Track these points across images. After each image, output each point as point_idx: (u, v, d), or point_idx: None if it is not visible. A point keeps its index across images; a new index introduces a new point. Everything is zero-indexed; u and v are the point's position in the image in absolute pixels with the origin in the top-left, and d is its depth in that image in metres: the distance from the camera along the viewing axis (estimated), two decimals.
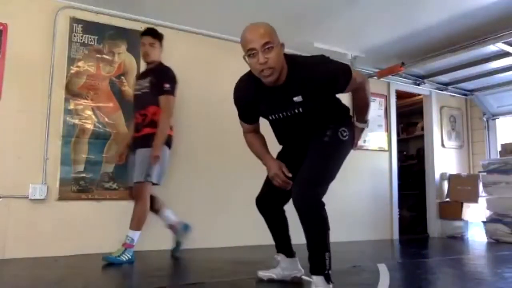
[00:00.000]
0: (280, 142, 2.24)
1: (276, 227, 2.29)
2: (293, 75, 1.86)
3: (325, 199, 1.89)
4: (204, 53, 4.06)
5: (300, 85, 1.85)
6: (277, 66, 1.80)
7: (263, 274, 2.34)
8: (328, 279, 1.82)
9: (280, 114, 1.99)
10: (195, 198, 3.84)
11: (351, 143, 2.09)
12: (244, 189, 4.01)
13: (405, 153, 6.56)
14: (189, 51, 3.99)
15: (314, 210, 1.83)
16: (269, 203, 2.23)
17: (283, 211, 2.26)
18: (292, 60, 1.89)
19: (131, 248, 2.90)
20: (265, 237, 4.11)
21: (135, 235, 2.92)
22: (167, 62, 3.87)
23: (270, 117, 2.06)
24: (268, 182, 2.18)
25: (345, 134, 2.00)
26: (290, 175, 1.99)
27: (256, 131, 2.21)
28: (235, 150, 3.91)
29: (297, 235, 2.08)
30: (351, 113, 2.20)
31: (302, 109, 1.92)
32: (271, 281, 2.30)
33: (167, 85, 3.00)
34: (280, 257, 2.31)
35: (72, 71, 3.43)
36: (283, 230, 2.29)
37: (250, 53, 1.79)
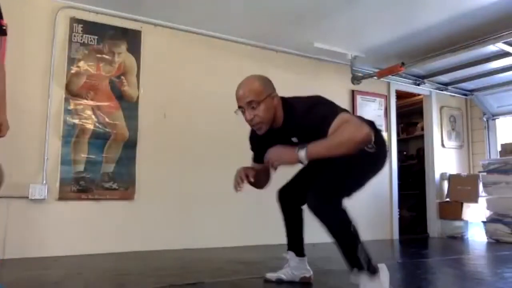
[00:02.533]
0: None
1: (292, 223, 2.30)
2: (288, 120, 1.96)
3: None
4: (204, 53, 4.05)
5: (294, 129, 1.93)
6: (266, 119, 1.93)
7: (271, 275, 2.32)
8: (370, 273, 1.78)
9: None
10: (195, 198, 3.84)
11: (381, 156, 1.99)
12: (244, 189, 4.01)
13: (405, 153, 6.56)
14: (189, 50, 3.99)
15: (326, 216, 1.79)
16: (289, 196, 2.25)
17: (301, 210, 2.26)
18: (289, 105, 1.97)
19: None
20: (265, 237, 4.12)
21: None
22: (167, 61, 3.89)
23: None
24: (295, 177, 2.26)
25: (370, 145, 1.83)
26: (252, 180, 2.11)
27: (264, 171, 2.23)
28: (235, 149, 3.90)
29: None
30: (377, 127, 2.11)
31: None
32: (280, 282, 2.29)
33: (4, 22, 2.01)
34: (290, 255, 2.30)
35: (72, 71, 3.43)
36: (297, 228, 2.30)
37: (240, 109, 1.98)
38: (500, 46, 4.01)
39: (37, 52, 3.34)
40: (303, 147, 1.74)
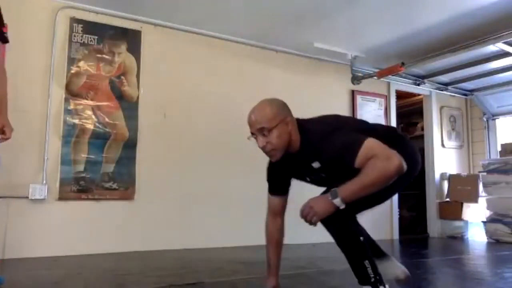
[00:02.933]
0: None
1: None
2: (305, 144, 1.84)
3: None
4: (204, 53, 4.05)
5: (313, 154, 1.81)
6: (279, 146, 1.82)
7: None
8: (376, 287, 1.71)
9: (308, 178, 1.96)
10: (195, 198, 3.84)
11: (412, 170, 1.79)
12: (244, 189, 4.02)
13: None
14: (189, 50, 3.99)
15: (336, 226, 1.76)
16: None
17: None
18: (304, 128, 1.86)
19: None
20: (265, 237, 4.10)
21: None
22: (167, 61, 3.89)
23: (305, 180, 2.00)
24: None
25: None
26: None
27: (278, 212, 2.08)
28: (235, 149, 3.91)
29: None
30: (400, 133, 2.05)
31: (324, 174, 1.86)
32: None
33: (6, 29, 2.06)
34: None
35: (72, 71, 3.43)
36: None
37: (252, 136, 1.87)
38: (500, 46, 4.01)
39: (37, 52, 3.34)
40: (335, 195, 1.62)
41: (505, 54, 4.29)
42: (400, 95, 5.58)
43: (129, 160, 3.58)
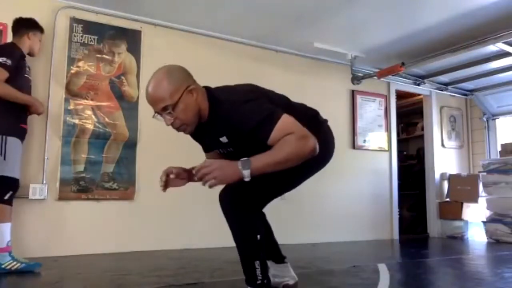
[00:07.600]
0: None
1: None
2: (214, 115, 1.66)
3: (323, 198, 1.82)
4: (204, 53, 4.05)
5: (221, 127, 1.66)
6: (188, 120, 1.66)
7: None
8: None
9: (220, 150, 1.82)
10: (195, 198, 3.83)
11: (325, 156, 1.76)
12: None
13: (405, 153, 6.56)
14: (189, 50, 3.99)
15: (234, 214, 1.69)
16: None
17: (263, 214, 1.96)
18: (214, 96, 1.68)
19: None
20: None
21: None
22: (167, 61, 3.87)
23: (219, 151, 1.86)
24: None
25: None
26: (170, 176, 1.99)
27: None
28: None
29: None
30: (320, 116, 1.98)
31: (233, 148, 1.72)
32: None
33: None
34: (269, 263, 1.98)
35: (72, 71, 3.43)
36: (266, 235, 1.98)
37: (157, 114, 1.71)
38: (500, 46, 4.02)
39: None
40: (246, 166, 1.49)
41: (505, 54, 4.29)
42: (400, 95, 5.59)
43: (129, 160, 3.58)
